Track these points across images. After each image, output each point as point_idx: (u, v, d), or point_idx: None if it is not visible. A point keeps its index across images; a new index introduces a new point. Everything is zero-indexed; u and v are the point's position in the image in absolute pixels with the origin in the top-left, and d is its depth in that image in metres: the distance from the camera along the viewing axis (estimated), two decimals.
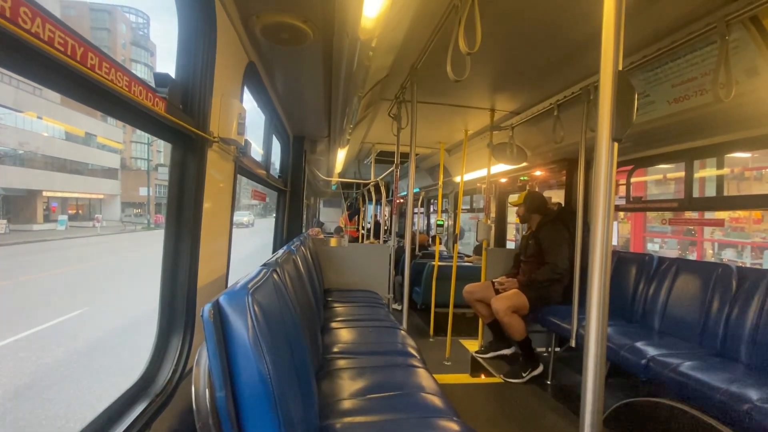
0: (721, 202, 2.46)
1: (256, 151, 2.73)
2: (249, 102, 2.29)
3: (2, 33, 0.51)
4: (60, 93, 0.66)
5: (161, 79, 1.00)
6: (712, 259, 6.76)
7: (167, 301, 1.11)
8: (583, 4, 1.57)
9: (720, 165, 2.40)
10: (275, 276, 1.17)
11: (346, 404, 1.45)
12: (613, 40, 0.78)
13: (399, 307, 4.35)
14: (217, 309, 0.79)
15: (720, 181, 2.47)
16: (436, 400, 1.48)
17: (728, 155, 2.39)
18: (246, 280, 0.93)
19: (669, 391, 1.86)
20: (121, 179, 32.21)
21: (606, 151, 0.79)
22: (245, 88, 1.77)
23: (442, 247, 6.06)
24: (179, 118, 1.01)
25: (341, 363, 1.83)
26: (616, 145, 0.80)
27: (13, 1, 0.52)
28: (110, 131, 30.12)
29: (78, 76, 0.65)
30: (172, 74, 1.12)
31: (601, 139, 0.80)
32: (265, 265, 1.26)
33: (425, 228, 8.10)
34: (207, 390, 0.75)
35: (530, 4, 1.62)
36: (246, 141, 1.56)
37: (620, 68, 0.79)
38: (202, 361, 0.78)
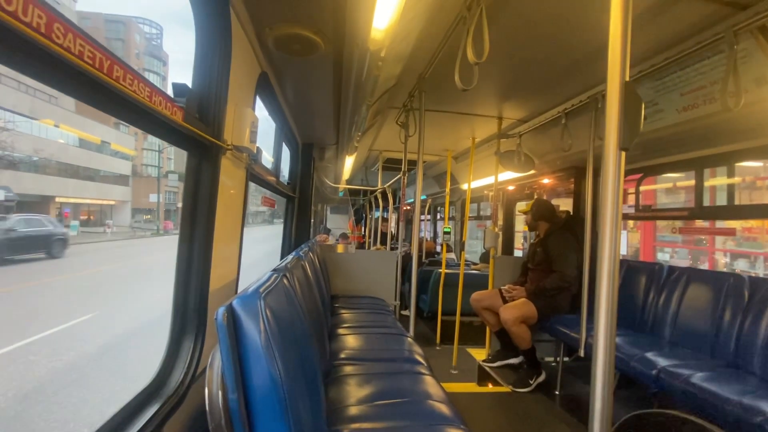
0: (732, 211, 2.44)
1: (266, 159, 2.79)
2: (260, 110, 2.34)
3: (38, 48, 0.54)
4: (88, 103, 0.70)
5: (179, 89, 1.04)
6: (724, 269, 6.64)
7: (180, 305, 1.14)
8: (590, 15, 1.59)
9: (731, 174, 2.38)
10: (285, 281, 1.19)
11: (354, 410, 1.46)
12: (620, 50, 0.79)
13: (408, 313, 4.33)
14: (231, 312, 0.80)
15: (731, 190, 2.45)
16: (444, 408, 1.48)
17: (739, 164, 2.38)
18: (258, 284, 0.95)
19: (680, 403, 1.83)
20: (132, 186, 32.72)
21: (613, 160, 0.80)
22: (257, 97, 1.82)
23: (452, 255, 6.05)
24: (196, 127, 1.04)
25: (348, 369, 1.83)
26: (623, 154, 0.81)
27: (48, 17, 0.55)
28: (123, 139, 30.70)
29: (104, 87, 0.68)
30: (189, 84, 1.16)
31: (608, 149, 0.81)
32: (275, 270, 1.28)
33: (432, 235, 8.09)
34: (220, 392, 0.77)
35: (538, 14, 1.65)
36: (258, 148, 1.59)
37: (627, 78, 0.80)
38: (215, 363, 0.80)
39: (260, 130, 1.59)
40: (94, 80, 0.65)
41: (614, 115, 0.80)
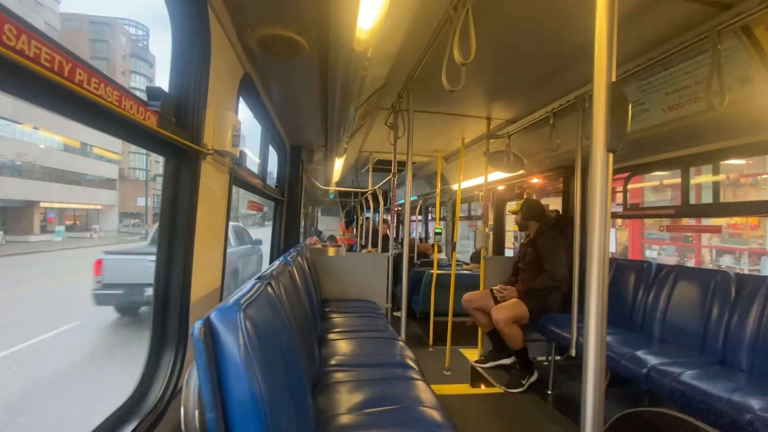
0: (718, 208, 2.46)
1: (254, 161, 2.74)
2: (245, 112, 2.30)
3: None
4: (47, 109, 0.65)
5: (154, 92, 1.00)
6: (710, 266, 6.75)
7: (159, 316, 1.09)
8: (576, 15, 1.59)
9: (716, 172, 2.41)
10: (269, 289, 1.15)
11: (344, 419, 1.43)
12: (605, 52, 0.78)
13: (400, 314, 4.30)
14: (208, 326, 0.77)
15: (716, 187, 2.48)
16: (435, 414, 1.45)
17: (724, 162, 2.40)
18: (239, 295, 0.92)
19: (671, 401, 1.83)
20: (119, 190, 32.20)
21: (601, 162, 0.78)
22: (241, 100, 1.77)
23: (442, 255, 6.04)
24: (172, 132, 1.00)
25: (339, 376, 1.80)
26: (611, 156, 0.79)
27: None
28: (108, 141, 30.16)
29: (66, 91, 0.64)
30: (167, 87, 1.12)
31: (596, 151, 0.79)
32: (259, 278, 1.25)
33: (423, 236, 8.08)
34: (196, 411, 0.73)
35: (524, 15, 1.64)
36: (241, 152, 1.55)
37: (613, 79, 0.78)
38: (192, 380, 0.76)
39: (247, 131, 1.55)
40: (53, 84, 0.61)
41: (601, 117, 0.78)
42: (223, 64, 1.40)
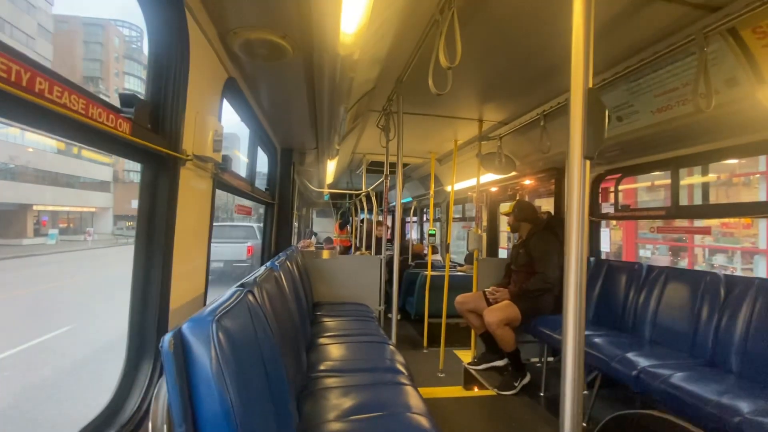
0: (707, 210, 2.47)
1: (245, 164, 2.71)
2: (233, 115, 2.27)
3: None
4: (12, 120, 0.63)
5: (127, 99, 0.97)
6: (703, 265, 6.79)
7: (136, 325, 1.07)
8: (560, 20, 1.58)
9: (705, 173, 2.41)
10: (250, 297, 1.14)
11: (329, 426, 1.41)
12: (582, 58, 0.77)
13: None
14: (179, 339, 0.75)
15: (705, 189, 2.48)
16: (423, 421, 1.44)
17: (716, 162, 2.41)
18: (215, 305, 0.90)
19: (661, 403, 1.83)
20: (113, 192, 31.99)
21: (578, 169, 0.78)
22: (227, 104, 1.75)
23: (437, 257, 6.03)
24: (147, 139, 0.98)
25: (326, 381, 1.78)
26: (587, 162, 0.78)
27: None
28: None
29: (26, 102, 0.62)
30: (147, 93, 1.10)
31: (573, 158, 0.78)
32: (241, 285, 1.23)
33: (418, 237, 8.08)
34: (165, 426, 0.71)
35: (510, 19, 1.63)
36: (225, 157, 1.53)
37: (590, 86, 0.77)
38: (161, 394, 0.74)
39: (240, 133, 1.53)
40: (12, 97, 0.59)
41: (578, 124, 0.77)
42: (205, 68, 1.37)
